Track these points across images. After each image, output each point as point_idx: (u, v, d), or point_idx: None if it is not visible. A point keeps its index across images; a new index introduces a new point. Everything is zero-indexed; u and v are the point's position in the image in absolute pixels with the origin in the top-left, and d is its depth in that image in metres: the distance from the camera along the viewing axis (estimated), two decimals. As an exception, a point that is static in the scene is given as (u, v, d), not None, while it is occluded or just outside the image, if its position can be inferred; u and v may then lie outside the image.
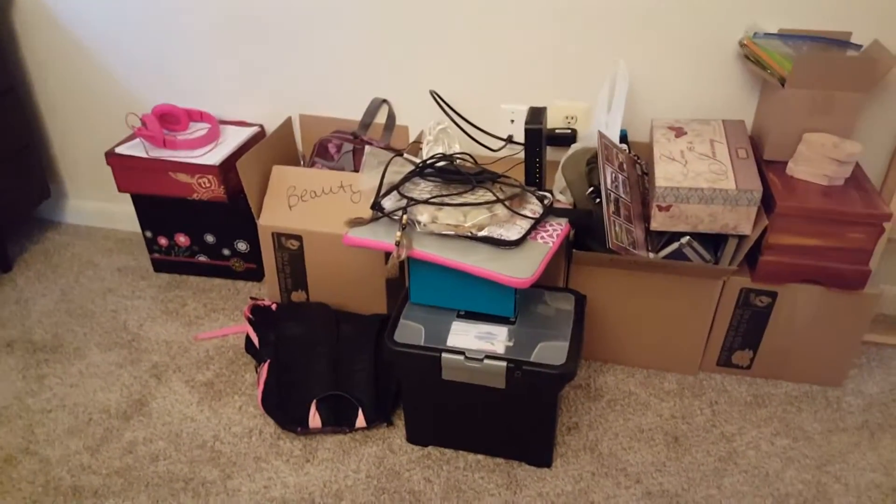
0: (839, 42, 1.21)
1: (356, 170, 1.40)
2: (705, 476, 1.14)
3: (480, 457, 1.18)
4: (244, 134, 1.54)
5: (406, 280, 1.16)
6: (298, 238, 1.36)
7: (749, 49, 1.23)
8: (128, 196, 1.68)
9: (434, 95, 1.45)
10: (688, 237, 1.18)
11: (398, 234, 1.07)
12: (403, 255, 1.06)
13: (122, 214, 1.80)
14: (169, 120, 1.55)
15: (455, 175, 1.15)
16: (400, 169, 1.20)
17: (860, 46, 1.20)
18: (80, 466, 1.17)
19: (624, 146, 1.30)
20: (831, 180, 1.17)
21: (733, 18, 1.26)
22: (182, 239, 1.58)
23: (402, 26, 1.41)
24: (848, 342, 1.25)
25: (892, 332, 1.42)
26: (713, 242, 1.22)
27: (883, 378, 1.33)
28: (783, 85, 1.16)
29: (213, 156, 1.46)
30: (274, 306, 1.39)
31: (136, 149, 1.48)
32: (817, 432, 1.22)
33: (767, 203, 1.16)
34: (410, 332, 1.10)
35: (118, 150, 1.49)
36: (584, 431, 1.22)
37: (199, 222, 1.54)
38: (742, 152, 1.20)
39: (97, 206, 1.82)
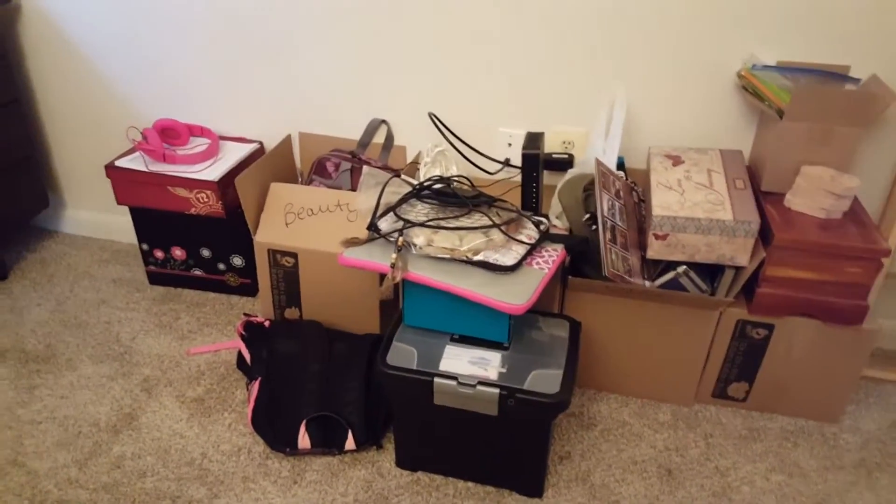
0: (837, 75, 1.22)
1: (353, 189, 1.40)
2: (698, 510, 1.12)
3: (470, 484, 1.16)
4: (244, 150, 1.55)
5: (400, 301, 1.16)
6: (294, 255, 1.35)
7: (747, 80, 1.23)
8: (126, 208, 1.68)
9: (432, 117, 1.46)
10: (684, 266, 1.18)
11: (394, 255, 1.07)
12: (398, 278, 1.06)
13: (119, 226, 1.80)
14: (170, 134, 1.55)
15: (452, 198, 1.15)
16: (397, 190, 1.20)
17: (859, 80, 1.21)
18: (68, 480, 1.16)
19: (621, 173, 1.30)
20: (829, 213, 1.16)
21: (732, 49, 1.27)
22: (178, 252, 1.58)
23: (402, 49, 1.42)
24: (845, 377, 1.23)
25: (890, 368, 1.40)
26: (710, 272, 1.22)
27: (881, 415, 1.32)
28: (781, 117, 1.16)
29: (213, 171, 1.46)
30: (267, 323, 1.39)
31: (136, 162, 1.49)
32: (813, 469, 1.20)
33: (765, 235, 1.15)
34: (403, 354, 1.09)
35: (118, 162, 1.49)
36: (577, 461, 1.20)
37: (195, 236, 1.54)
38: (740, 183, 1.20)
39: (95, 217, 1.82)
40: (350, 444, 1.19)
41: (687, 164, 1.26)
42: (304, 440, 1.18)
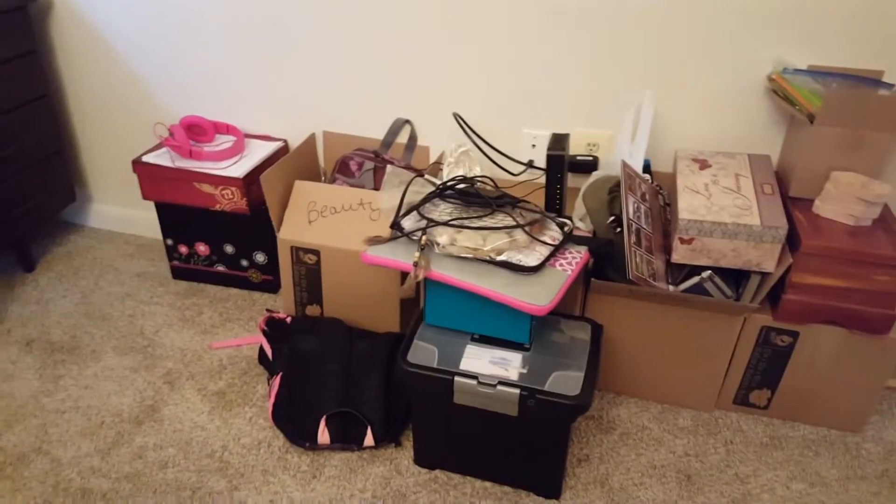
0: (870, 80, 1.20)
1: (376, 188, 1.41)
2: (718, 517, 1.11)
3: (488, 484, 1.16)
4: (268, 148, 1.56)
5: (421, 300, 1.16)
6: (316, 253, 1.36)
7: (777, 84, 1.22)
8: (151, 203, 1.71)
9: (457, 118, 1.46)
10: (709, 271, 1.17)
11: (417, 254, 1.07)
12: (421, 276, 1.06)
13: (144, 221, 1.83)
14: (196, 131, 1.57)
15: (475, 198, 1.15)
16: (420, 189, 1.21)
17: (892, 86, 1.19)
18: (91, 469, 1.17)
19: (647, 176, 1.29)
20: (858, 220, 1.15)
21: (762, 52, 1.26)
22: (202, 248, 1.59)
23: (427, 49, 1.42)
24: (870, 387, 1.22)
25: (916, 378, 1.38)
26: (735, 278, 1.20)
27: (906, 425, 1.30)
28: (811, 122, 1.15)
29: (238, 168, 1.47)
30: (289, 319, 1.40)
31: (162, 158, 1.51)
32: (835, 479, 1.18)
33: (792, 241, 1.14)
34: (424, 353, 1.10)
35: (145, 158, 1.51)
36: (595, 464, 1.20)
37: (219, 232, 1.56)
38: (767, 188, 1.19)
39: (121, 212, 1.85)
40: (369, 440, 1.20)
41: (714, 168, 1.25)
42: (323, 435, 1.19)
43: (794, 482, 1.17)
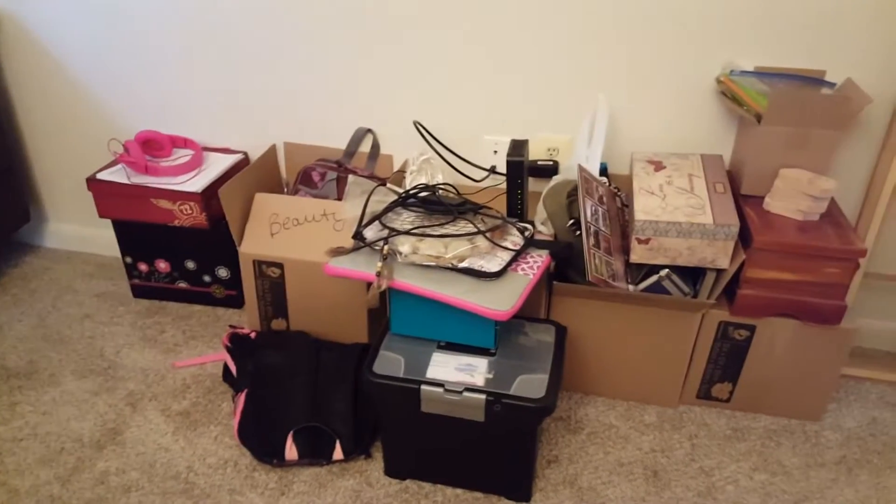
0: (814, 80, 1.24)
1: (339, 198, 1.40)
2: (685, 511, 1.13)
3: (459, 491, 1.16)
4: (228, 161, 1.55)
5: (387, 310, 1.16)
6: (280, 266, 1.35)
7: (726, 85, 1.26)
8: (108, 221, 1.67)
9: (417, 126, 1.47)
10: (667, 270, 1.19)
11: (379, 264, 1.07)
12: (384, 286, 1.06)
13: (102, 239, 1.78)
14: (152, 146, 1.55)
15: (437, 206, 1.16)
16: (383, 198, 1.21)
17: (834, 84, 1.24)
18: (50, 497, 1.14)
19: (604, 179, 1.32)
20: (806, 216, 1.19)
21: (711, 55, 1.29)
22: (162, 265, 1.57)
23: (387, 57, 1.43)
24: (826, 376, 1.25)
25: (869, 366, 1.43)
26: (692, 275, 1.23)
27: (861, 412, 1.34)
28: (759, 122, 1.19)
29: (196, 183, 1.45)
30: (253, 334, 1.38)
31: (118, 175, 1.48)
32: (796, 467, 1.22)
33: (745, 237, 1.17)
34: (390, 363, 1.10)
35: (100, 175, 1.48)
36: (564, 465, 1.21)
37: (180, 248, 1.53)
38: (720, 187, 1.22)
39: (77, 231, 1.81)
40: (338, 454, 1.19)
41: (668, 169, 1.28)
42: (291, 451, 1.18)
43: (757, 473, 1.20)
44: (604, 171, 1.39)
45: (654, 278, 1.20)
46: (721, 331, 1.23)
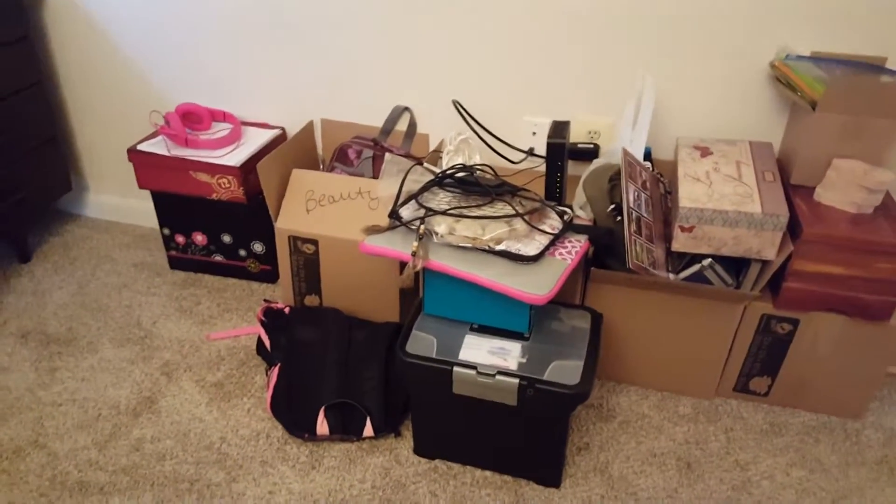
0: (873, 67, 1.19)
1: (375, 176, 1.39)
2: (718, 505, 1.11)
3: (488, 473, 1.16)
4: (266, 136, 1.55)
5: (420, 290, 1.15)
6: (314, 242, 1.35)
7: (780, 71, 1.21)
8: (148, 192, 1.69)
9: (456, 105, 1.44)
10: (710, 259, 1.16)
11: (415, 244, 1.06)
12: (419, 266, 1.05)
13: (141, 210, 1.81)
14: (192, 119, 1.55)
15: (474, 187, 1.14)
16: (419, 178, 1.19)
17: (895, 72, 1.18)
18: (88, 462, 1.17)
19: (648, 164, 1.28)
20: (860, 208, 1.14)
21: (765, 39, 1.24)
22: (199, 238, 1.58)
23: (427, 35, 1.40)
24: (870, 374, 1.21)
25: (916, 366, 1.38)
26: (735, 266, 1.20)
27: (905, 412, 1.30)
28: (814, 109, 1.14)
29: (234, 157, 1.46)
30: (287, 310, 1.39)
31: (158, 146, 1.49)
32: (834, 465, 1.19)
33: (793, 229, 1.13)
34: (422, 343, 1.09)
35: (140, 146, 1.50)
36: (595, 453, 1.20)
37: (217, 222, 1.55)
38: (769, 175, 1.18)
39: (117, 201, 1.83)
40: (368, 431, 1.19)
41: (715, 155, 1.24)
42: (322, 426, 1.18)
43: (794, 469, 1.18)
44: (647, 155, 1.35)
45: (695, 267, 1.17)
46: (763, 324, 1.20)
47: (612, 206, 1.19)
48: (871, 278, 1.11)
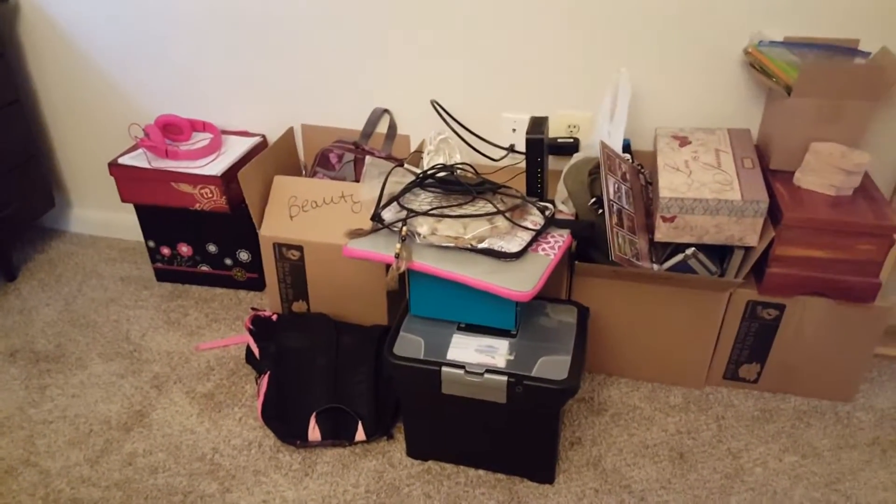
0: (846, 50, 1.19)
1: (357, 180, 1.39)
2: (711, 494, 1.11)
3: (481, 472, 1.16)
4: (246, 144, 1.54)
5: (407, 291, 1.15)
6: (299, 248, 1.35)
7: (754, 57, 1.21)
8: (131, 206, 1.68)
9: (435, 105, 1.44)
10: (693, 248, 1.16)
11: (398, 246, 1.06)
12: (403, 268, 1.05)
13: (125, 224, 1.80)
14: (172, 130, 1.55)
15: (455, 186, 1.14)
16: (401, 179, 1.19)
17: (868, 54, 1.18)
18: (80, 478, 1.16)
19: (627, 156, 1.28)
20: (839, 191, 1.14)
21: (738, 26, 1.24)
22: (184, 249, 1.58)
23: (403, 36, 1.40)
24: (858, 356, 1.22)
25: (904, 345, 1.39)
26: (719, 254, 1.20)
27: (895, 392, 1.30)
28: (789, 94, 1.14)
29: (216, 166, 1.45)
30: (275, 317, 1.39)
31: (138, 159, 1.49)
32: (827, 449, 1.19)
33: (774, 214, 1.14)
34: (410, 344, 1.09)
35: (121, 160, 1.49)
36: (588, 447, 1.20)
37: (201, 232, 1.54)
38: (748, 162, 1.18)
39: (101, 216, 1.83)
40: (360, 435, 1.19)
41: (694, 144, 1.24)
42: (314, 432, 1.18)
43: (787, 454, 1.18)
44: (627, 147, 1.36)
45: (679, 257, 1.17)
46: (749, 310, 1.20)
47: (593, 200, 1.20)
48: (853, 260, 1.12)
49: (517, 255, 1.05)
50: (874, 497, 1.10)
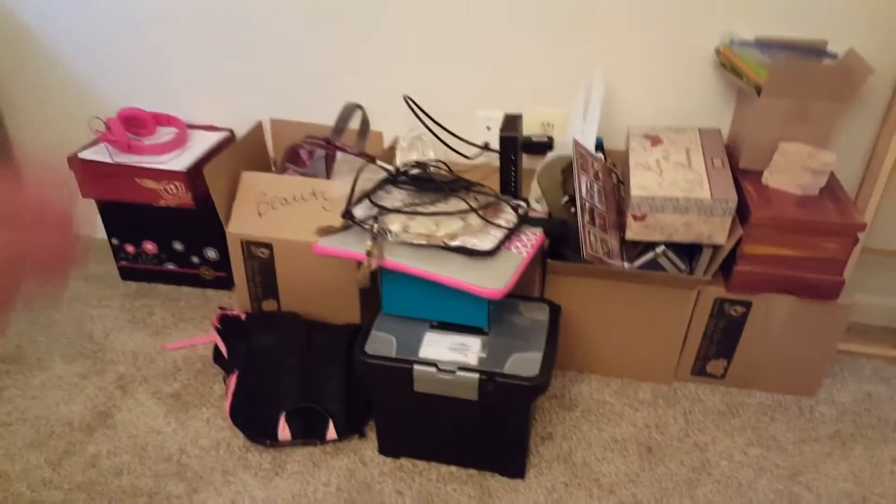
0: (815, 51, 1.21)
1: (328, 176, 1.37)
2: (678, 486, 1.13)
3: (453, 468, 1.16)
4: (213, 139, 1.51)
5: (379, 289, 1.14)
6: (268, 246, 1.33)
7: (725, 57, 1.22)
8: (93, 202, 1.63)
9: (408, 101, 1.43)
10: (663, 247, 1.18)
11: (369, 243, 1.05)
12: (374, 265, 1.04)
13: (87, 220, 1.75)
14: (135, 124, 1.50)
15: (428, 183, 1.13)
16: (373, 176, 1.18)
17: (836, 55, 1.20)
18: (41, 481, 1.13)
19: (600, 155, 1.29)
20: (806, 190, 1.17)
21: (710, 26, 1.26)
22: (149, 246, 1.54)
23: (376, 30, 1.38)
24: (822, 352, 1.25)
25: (865, 342, 1.43)
26: (688, 252, 1.22)
27: (856, 387, 1.34)
28: (759, 93, 1.16)
29: (181, 161, 1.42)
30: (243, 316, 1.36)
31: (100, 154, 1.44)
32: (790, 442, 1.22)
33: (742, 213, 1.15)
34: (382, 343, 1.08)
35: (81, 154, 1.44)
36: (558, 442, 1.21)
37: (166, 229, 1.50)
38: (717, 161, 1.19)
39: (63, 210, 1.77)
40: (331, 433, 1.18)
41: (665, 143, 1.25)
42: (284, 432, 1.17)
43: (752, 447, 1.20)
44: (600, 146, 1.36)
45: (649, 255, 1.18)
46: (717, 307, 1.22)
47: (567, 198, 1.20)
48: (818, 258, 1.14)
49: (490, 253, 1.05)
50: (834, 488, 1.13)
